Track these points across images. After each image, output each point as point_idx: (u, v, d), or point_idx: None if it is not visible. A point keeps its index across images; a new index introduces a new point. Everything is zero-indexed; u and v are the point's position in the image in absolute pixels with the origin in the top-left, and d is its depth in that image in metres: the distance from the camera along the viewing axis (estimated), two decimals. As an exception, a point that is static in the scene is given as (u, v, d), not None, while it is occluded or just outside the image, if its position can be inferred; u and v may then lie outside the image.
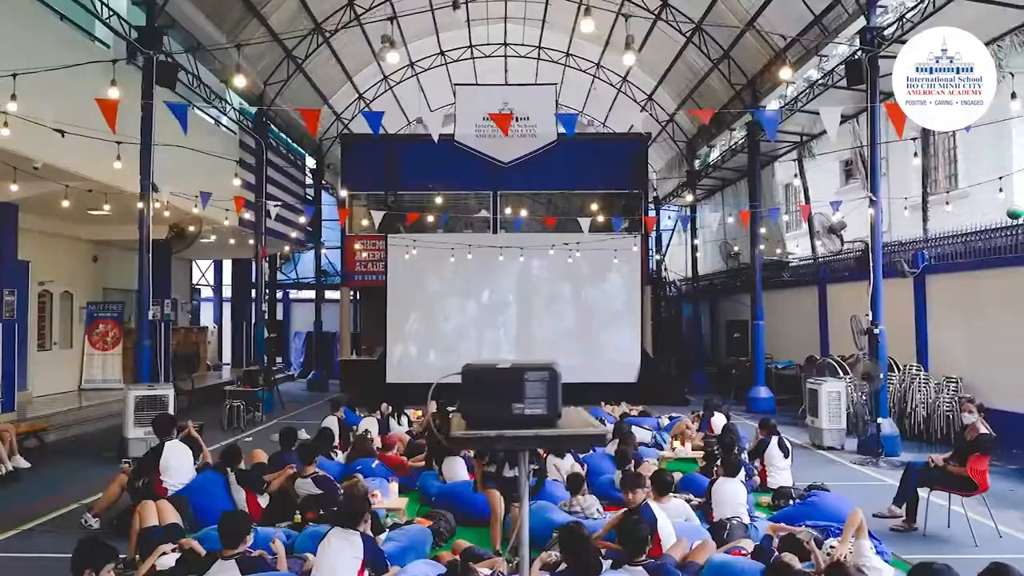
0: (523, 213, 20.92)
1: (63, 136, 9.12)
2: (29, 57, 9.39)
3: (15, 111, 9.02)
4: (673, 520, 6.48)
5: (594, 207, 20.77)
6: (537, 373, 3.14)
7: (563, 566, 5.27)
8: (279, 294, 29.21)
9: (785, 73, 11.71)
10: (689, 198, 24.70)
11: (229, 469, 7.68)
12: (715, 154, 23.54)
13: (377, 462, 9.22)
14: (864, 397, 12.97)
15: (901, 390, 13.67)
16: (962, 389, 12.85)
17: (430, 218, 19.86)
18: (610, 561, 5.36)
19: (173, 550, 5.93)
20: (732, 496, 7.10)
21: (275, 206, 15.91)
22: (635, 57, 13.81)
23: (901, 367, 13.96)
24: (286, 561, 5.64)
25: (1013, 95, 9.09)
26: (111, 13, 11.81)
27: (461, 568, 4.93)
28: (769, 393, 17.69)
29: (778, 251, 21.02)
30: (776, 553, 5.68)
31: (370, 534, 5.55)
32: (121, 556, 6.36)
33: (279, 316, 28.84)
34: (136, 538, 6.34)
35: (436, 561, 5.85)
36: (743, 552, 5.89)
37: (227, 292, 27.59)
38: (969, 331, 13.30)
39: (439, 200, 21.08)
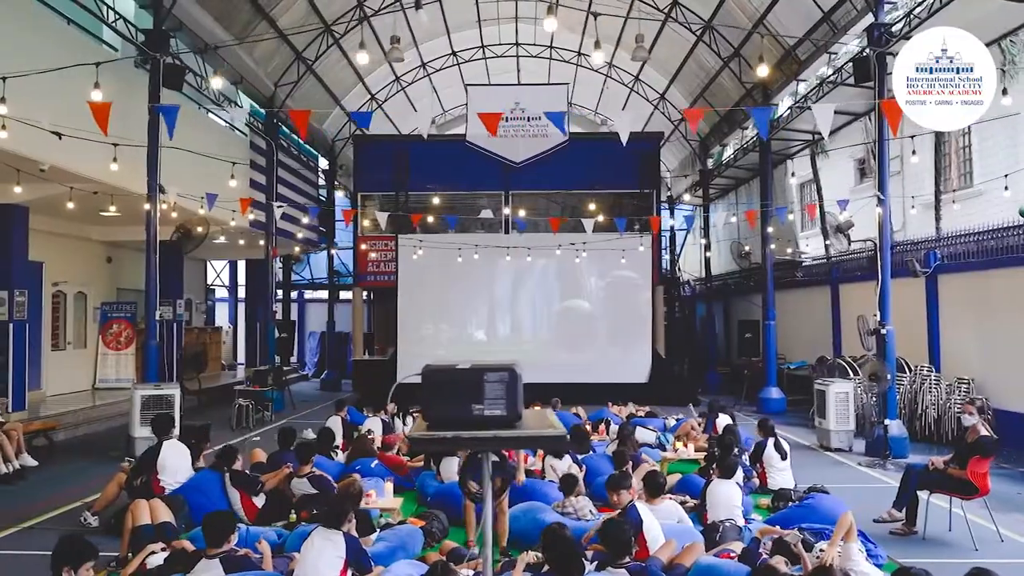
0: (536, 213, 20.88)
1: (60, 138, 9.21)
2: (36, 61, 9.48)
3: (22, 114, 9.16)
4: (665, 522, 6.43)
5: (606, 207, 20.69)
6: (497, 374, 3.12)
7: (546, 567, 5.23)
8: (294, 294, 29.38)
9: (762, 71, 11.60)
10: (694, 197, 24.57)
11: (225, 469, 7.72)
12: (728, 152, 23.38)
13: (376, 462, 9.23)
14: (873, 398, 12.81)
15: (912, 391, 13.49)
16: (974, 390, 12.66)
17: (441, 219, 19.88)
18: (594, 563, 5.33)
19: (163, 549, 5.97)
20: (726, 498, 7.02)
21: (278, 206, 15.98)
22: (604, 56, 13.64)
23: (912, 368, 13.78)
24: (272, 560, 5.65)
25: (1004, 91, 8.93)
26: (117, 16, 11.93)
27: (441, 569, 4.92)
28: (781, 394, 17.55)
29: (788, 250, 20.83)
30: (765, 556, 5.62)
31: (354, 534, 5.56)
32: (115, 554, 6.49)
33: (294, 316, 29.02)
34: (128, 536, 6.39)
35: (422, 562, 5.84)
36: (731, 555, 5.83)
37: (242, 292, 27.81)
38: (981, 331, 13.10)
39: (451, 201, 21.10)
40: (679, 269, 28.43)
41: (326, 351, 26.25)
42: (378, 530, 6.78)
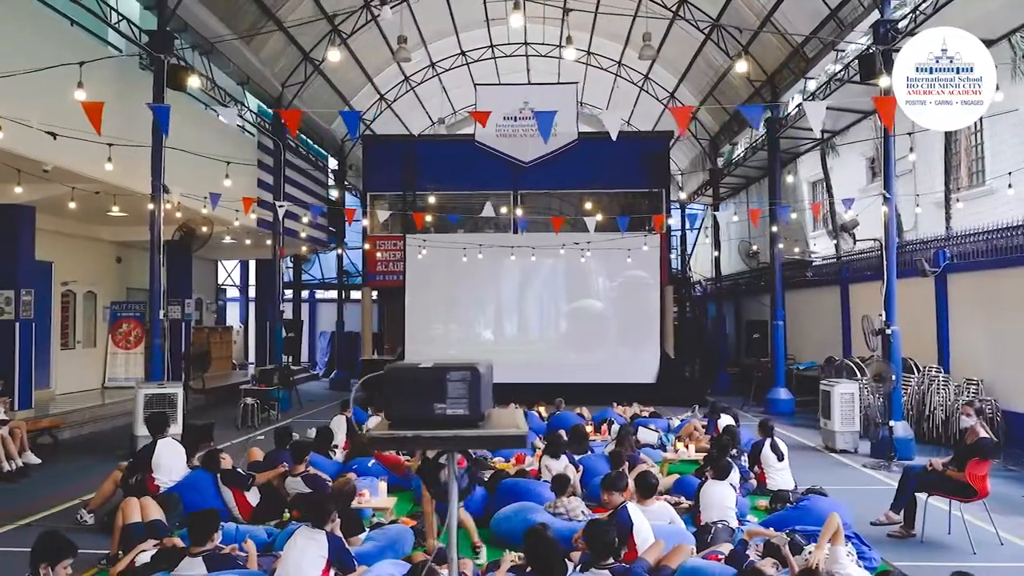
0: (546, 213, 20.82)
1: (55, 138, 9.27)
2: (38, 63, 9.50)
3: (23, 115, 9.23)
4: (656, 523, 6.38)
5: (615, 206, 20.60)
6: (459, 373, 3.09)
7: (529, 569, 5.19)
8: (305, 294, 29.47)
9: (742, 66, 11.48)
10: (704, 196, 24.41)
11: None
12: (739, 151, 23.22)
13: (373, 461, 9.23)
14: (879, 399, 12.67)
15: (920, 392, 13.31)
16: (983, 391, 12.48)
17: (451, 218, 19.86)
18: (579, 564, 5.29)
19: (155, 546, 5.98)
20: (720, 499, 6.95)
21: (280, 206, 16.03)
22: (576, 53, 13.54)
23: (920, 368, 13.60)
24: (257, 560, 5.65)
25: (997, 87, 8.78)
26: (121, 17, 12.00)
27: (424, 568, 4.88)
28: (789, 395, 17.39)
29: (796, 250, 20.64)
30: (753, 558, 5.55)
31: (338, 534, 5.55)
32: (105, 552, 6.52)
33: (305, 316, 29.11)
34: (119, 534, 6.41)
35: (408, 562, 5.82)
36: (720, 556, 5.76)
37: (253, 292, 27.94)
38: (991, 332, 12.90)
39: (460, 200, 21.08)
40: (690, 269, 28.29)
41: (336, 351, 26.32)
42: (367, 529, 6.76)
